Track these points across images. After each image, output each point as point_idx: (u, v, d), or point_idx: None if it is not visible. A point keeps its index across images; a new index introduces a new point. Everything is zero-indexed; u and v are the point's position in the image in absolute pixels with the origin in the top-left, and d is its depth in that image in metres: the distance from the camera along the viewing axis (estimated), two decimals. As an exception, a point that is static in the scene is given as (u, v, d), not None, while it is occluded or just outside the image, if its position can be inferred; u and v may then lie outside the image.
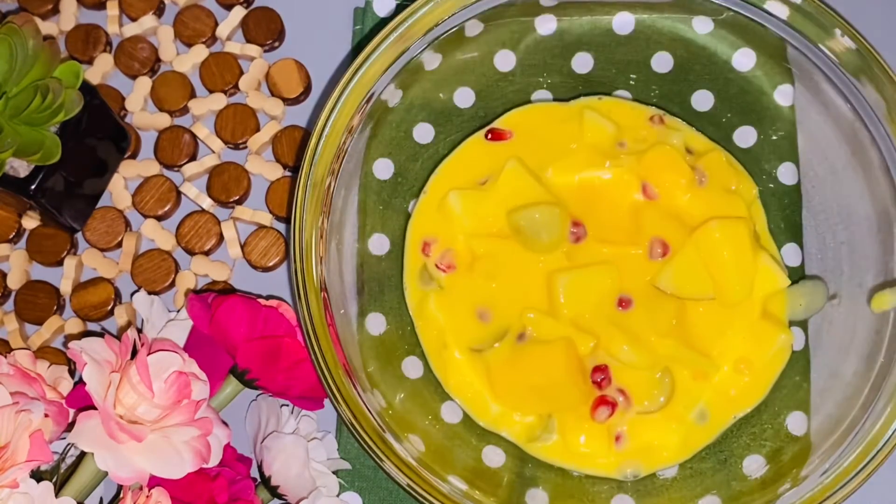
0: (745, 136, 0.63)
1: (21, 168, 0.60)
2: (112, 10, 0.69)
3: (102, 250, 0.66)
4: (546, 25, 0.63)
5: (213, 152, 0.68)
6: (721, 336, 0.60)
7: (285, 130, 0.67)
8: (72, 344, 0.53)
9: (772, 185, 0.63)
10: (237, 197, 0.66)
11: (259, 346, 0.57)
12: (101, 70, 0.69)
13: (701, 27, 0.62)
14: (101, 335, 0.58)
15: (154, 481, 0.53)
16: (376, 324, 0.61)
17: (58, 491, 0.54)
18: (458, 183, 0.63)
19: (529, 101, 0.64)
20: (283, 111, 0.68)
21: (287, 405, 0.61)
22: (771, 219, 0.62)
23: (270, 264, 0.66)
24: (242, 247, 0.66)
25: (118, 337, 0.56)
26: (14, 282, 0.66)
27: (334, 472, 0.60)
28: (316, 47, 0.69)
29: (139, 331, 0.59)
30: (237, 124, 0.67)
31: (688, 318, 0.60)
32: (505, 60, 0.64)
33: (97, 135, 0.63)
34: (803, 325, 0.61)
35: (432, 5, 0.57)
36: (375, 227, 0.62)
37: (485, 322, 0.61)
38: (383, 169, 0.62)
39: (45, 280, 0.66)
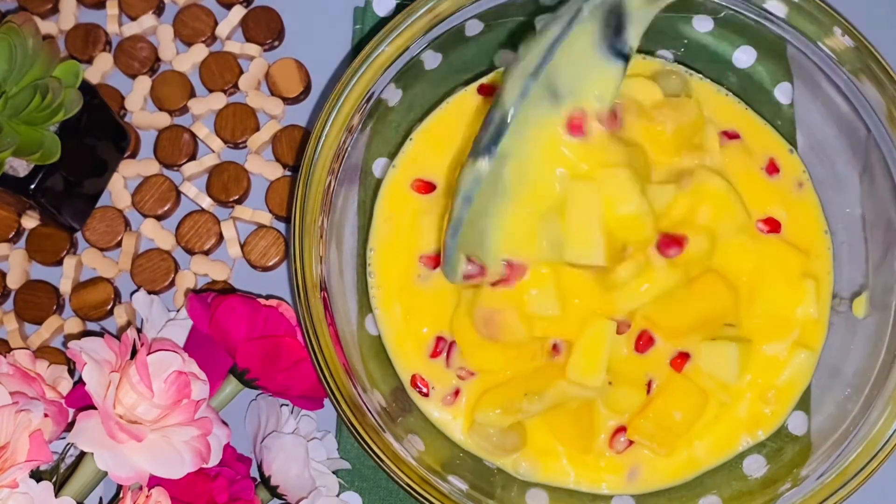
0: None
1: (20, 167, 0.60)
2: (112, 9, 0.69)
3: (102, 250, 0.66)
4: (546, 24, 0.63)
5: (213, 152, 0.68)
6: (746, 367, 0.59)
7: (285, 130, 0.67)
8: (71, 344, 0.53)
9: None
10: (237, 196, 0.66)
11: (259, 345, 0.57)
12: (101, 69, 0.68)
13: (701, 25, 0.62)
14: (100, 335, 0.58)
15: (154, 481, 0.53)
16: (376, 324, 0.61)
17: (57, 491, 0.54)
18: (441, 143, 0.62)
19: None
20: (283, 111, 0.68)
21: (287, 405, 0.60)
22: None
23: (270, 264, 0.66)
24: (242, 246, 0.66)
25: (118, 337, 0.56)
26: (13, 281, 0.65)
27: (334, 472, 0.60)
28: (316, 47, 0.69)
29: (139, 330, 0.58)
30: (237, 124, 0.67)
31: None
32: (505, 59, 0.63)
33: (97, 134, 0.63)
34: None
35: (432, 5, 0.57)
36: (375, 227, 0.62)
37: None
38: (383, 169, 0.62)
39: (45, 280, 0.66)
